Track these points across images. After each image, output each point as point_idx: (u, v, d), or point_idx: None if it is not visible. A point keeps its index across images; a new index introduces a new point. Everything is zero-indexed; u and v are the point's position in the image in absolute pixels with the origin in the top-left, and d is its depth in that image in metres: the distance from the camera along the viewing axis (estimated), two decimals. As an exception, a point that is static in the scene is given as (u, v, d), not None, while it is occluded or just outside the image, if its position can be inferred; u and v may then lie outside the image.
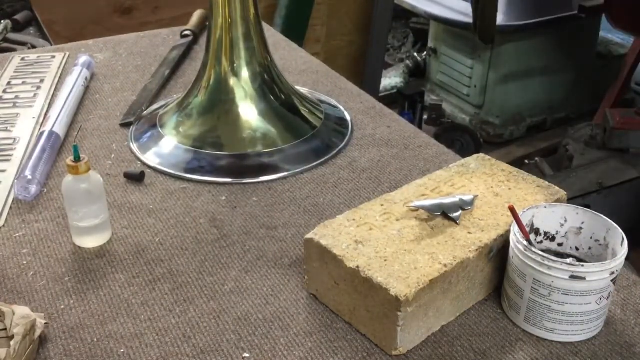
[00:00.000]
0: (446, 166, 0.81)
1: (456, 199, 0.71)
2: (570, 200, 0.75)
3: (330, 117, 1.04)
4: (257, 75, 0.99)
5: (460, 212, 0.70)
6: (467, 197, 0.72)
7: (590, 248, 0.69)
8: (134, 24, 2.00)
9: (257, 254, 0.77)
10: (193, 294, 0.71)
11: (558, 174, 2.18)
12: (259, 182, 0.91)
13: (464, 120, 2.70)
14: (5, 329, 0.61)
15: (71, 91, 1.08)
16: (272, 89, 1.00)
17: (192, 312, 0.69)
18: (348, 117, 1.06)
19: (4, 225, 0.82)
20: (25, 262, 0.76)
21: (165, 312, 0.69)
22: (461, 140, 2.54)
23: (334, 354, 0.64)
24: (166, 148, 0.97)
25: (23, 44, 1.78)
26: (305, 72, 1.22)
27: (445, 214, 0.70)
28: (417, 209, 0.71)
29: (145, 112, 1.07)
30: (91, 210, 0.77)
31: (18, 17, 1.91)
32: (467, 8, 2.43)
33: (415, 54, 3.08)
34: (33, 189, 0.86)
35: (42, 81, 1.18)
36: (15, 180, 0.88)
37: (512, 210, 0.64)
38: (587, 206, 0.70)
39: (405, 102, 2.55)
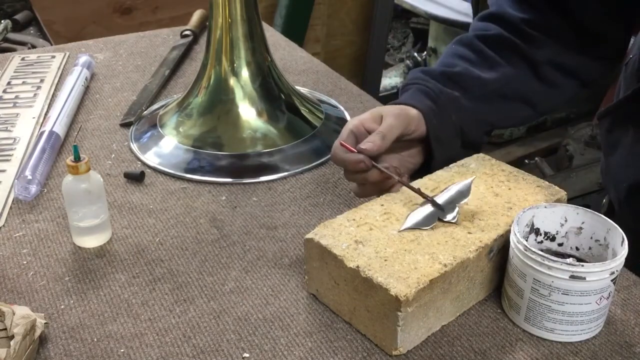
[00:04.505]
0: (446, 166, 0.81)
1: (447, 196, 0.70)
2: (570, 200, 0.74)
3: (330, 117, 1.04)
4: (257, 75, 0.99)
5: (457, 209, 0.69)
6: (462, 185, 0.71)
7: (590, 248, 0.69)
8: (134, 24, 2.01)
9: (257, 254, 0.77)
10: (193, 294, 0.71)
11: (558, 174, 2.18)
12: (259, 182, 0.91)
13: (464, 120, 2.69)
14: (5, 329, 0.61)
15: (71, 91, 1.08)
16: (272, 89, 1.00)
17: (192, 312, 0.69)
18: (348, 117, 1.06)
19: (4, 225, 0.82)
20: (25, 262, 0.76)
21: (165, 312, 0.69)
22: (461, 140, 2.53)
23: (334, 354, 0.64)
24: (166, 148, 0.97)
25: (23, 44, 1.77)
26: (305, 72, 1.22)
27: (441, 219, 0.69)
28: (411, 228, 0.68)
29: (145, 112, 1.07)
30: (91, 210, 0.77)
31: (18, 17, 1.91)
32: (467, 8, 2.44)
33: (415, 54, 3.08)
34: (33, 189, 0.86)
35: (42, 81, 1.18)
36: (15, 180, 0.88)
37: None
38: (587, 206, 0.69)
39: (405, 102, 2.54)
